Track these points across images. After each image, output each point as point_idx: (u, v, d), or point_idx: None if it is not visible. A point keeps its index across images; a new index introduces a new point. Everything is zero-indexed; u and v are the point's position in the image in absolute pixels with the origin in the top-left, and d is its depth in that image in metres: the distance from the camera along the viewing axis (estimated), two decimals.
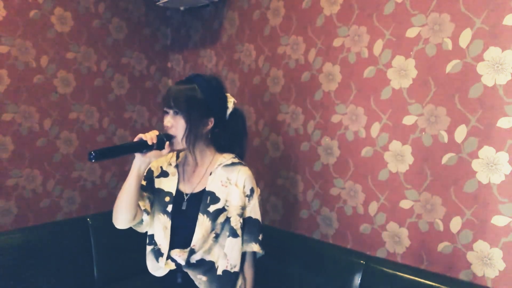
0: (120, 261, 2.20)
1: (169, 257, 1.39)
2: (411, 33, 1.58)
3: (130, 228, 1.43)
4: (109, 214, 1.39)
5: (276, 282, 1.84)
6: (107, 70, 2.40)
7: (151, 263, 1.44)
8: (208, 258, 1.38)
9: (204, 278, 1.38)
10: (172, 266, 1.39)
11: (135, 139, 1.29)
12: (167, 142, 1.32)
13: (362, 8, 1.72)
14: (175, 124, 1.34)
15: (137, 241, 1.62)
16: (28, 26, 2.09)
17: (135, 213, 1.36)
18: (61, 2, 2.20)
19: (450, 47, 1.48)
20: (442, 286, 1.43)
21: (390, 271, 1.56)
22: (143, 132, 1.30)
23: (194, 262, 1.37)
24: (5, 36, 2.01)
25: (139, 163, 1.31)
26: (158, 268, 1.42)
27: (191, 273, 1.38)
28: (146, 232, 1.46)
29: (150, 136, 1.28)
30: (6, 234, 1.94)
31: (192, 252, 1.36)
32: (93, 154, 1.18)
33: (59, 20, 2.20)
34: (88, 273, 2.12)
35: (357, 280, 1.62)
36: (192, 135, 1.34)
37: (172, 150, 1.37)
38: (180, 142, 1.35)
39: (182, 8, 2.47)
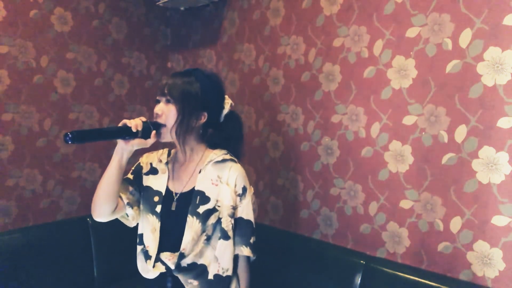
0: (120, 261, 2.19)
1: (158, 259, 1.33)
2: (411, 33, 1.58)
3: (130, 227, 1.43)
4: None
5: (276, 282, 1.84)
6: (107, 70, 2.40)
7: (141, 264, 1.39)
8: (200, 261, 1.32)
9: (195, 283, 1.32)
10: (162, 269, 1.32)
11: (119, 124, 1.22)
12: (153, 132, 1.25)
13: (362, 8, 1.72)
14: (167, 112, 1.28)
15: (137, 241, 1.62)
16: (28, 26, 2.09)
17: (115, 205, 1.30)
18: (61, 2, 2.20)
19: (450, 47, 1.48)
20: (442, 286, 1.43)
21: (390, 271, 1.56)
22: None
23: (185, 265, 1.31)
24: (5, 36, 2.02)
25: (121, 151, 1.24)
26: (148, 270, 1.36)
27: (181, 278, 1.32)
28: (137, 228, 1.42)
29: (135, 123, 1.21)
30: (6, 234, 1.94)
31: (182, 256, 1.30)
32: (70, 135, 1.07)
33: (59, 20, 2.20)
34: (88, 273, 2.12)
35: (357, 280, 1.62)
36: (183, 126, 1.28)
37: (157, 142, 1.30)
38: (168, 132, 1.29)
39: (182, 8, 2.47)
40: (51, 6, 2.16)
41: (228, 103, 1.42)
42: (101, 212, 1.30)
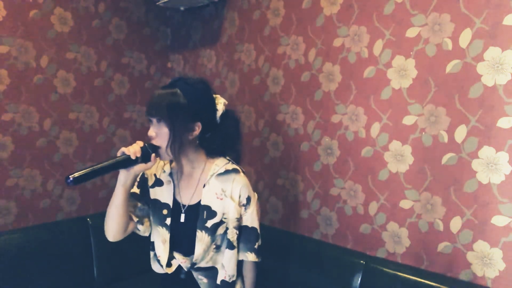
0: (120, 261, 2.20)
1: (172, 257, 1.38)
2: (411, 33, 1.58)
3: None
4: None
5: (276, 282, 1.84)
6: (107, 70, 2.40)
7: (154, 266, 1.43)
8: (212, 265, 1.38)
9: (204, 280, 1.38)
10: (176, 264, 1.38)
11: (118, 153, 1.21)
12: (153, 154, 1.24)
13: (362, 8, 1.72)
14: (159, 133, 1.25)
15: (137, 241, 1.62)
16: (28, 26, 2.09)
17: (125, 226, 1.32)
18: (61, 2, 2.20)
19: (450, 47, 1.48)
20: (442, 286, 1.43)
21: (390, 271, 1.56)
22: (143, 133, 1.25)
23: (199, 266, 1.37)
24: (5, 36, 2.01)
25: (124, 179, 1.24)
26: (160, 269, 1.41)
27: (194, 273, 1.38)
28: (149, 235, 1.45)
29: (134, 150, 1.20)
30: (6, 234, 1.94)
31: (194, 264, 1.36)
32: (71, 178, 1.07)
33: (59, 20, 2.20)
34: (88, 273, 2.12)
35: (357, 280, 1.62)
36: (176, 143, 1.25)
37: (161, 159, 1.31)
38: (165, 152, 1.26)
39: (182, 8, 2.47)
40: (51, 6, 2.16)
41: (220, 103, 1.37)
42: (114, 234, 1.32)
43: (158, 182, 1.42)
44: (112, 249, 2.17)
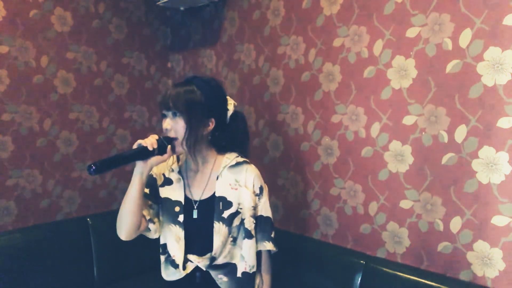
0: (120, 261, 2.20)
1: (187, 261, 1.37)
2: (411, 33, 1.58)
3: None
4: (109, 214, 1.38)
5: (276, 282, 1.83)
6: (107, 70, 2.40)
7: (167, 271, 1.41)
8: (229, 260, 1.39)
9: (225, 278, 1.39)
10: (192, 267, 1.38)
11: (134, 146, 1.25)
12: (169, 146, 1.28)
13: (362, 8, 1.72)
14: (175, 126, 1.30)
15: (137, 241, 1.62)
16: (28, 26, 2.09)
17: (139, 223, 1.32)
18: (61, 2, 2.20)
19: (450, 47, 1.48)
20: (442, 286, 1.43)
21: (390, 271, 1.56)
22: (143, 133, 1.26)
23: (217, 264, 1.38)
24: (5, 36, 2.01)
25: (141, 171, 1.26)
26: (174, 273, 1.39)
27: (212, 273, 1.38)
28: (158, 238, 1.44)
29: (151, 142, 1.24)
30: (6, 234, 1.94)
31: (214, 259, 1.37)
32: (93, 167, 1.13)
33: (59, 20, 2.20)
34: (88, 273, 2.12)
35: (357, 280, 1.62)
36: (192, 137, 1.29)
37: (173, 154, 1.34)
38: (180, 145, 1.31)
39: (182, 8, 2.47)
40: (51, 6, 2.16)
41: (231, 103, 1.43)
42: (128, 231, 1.32)
43: (168, 181, 1.43)
44: (112, 249, 2.17)
